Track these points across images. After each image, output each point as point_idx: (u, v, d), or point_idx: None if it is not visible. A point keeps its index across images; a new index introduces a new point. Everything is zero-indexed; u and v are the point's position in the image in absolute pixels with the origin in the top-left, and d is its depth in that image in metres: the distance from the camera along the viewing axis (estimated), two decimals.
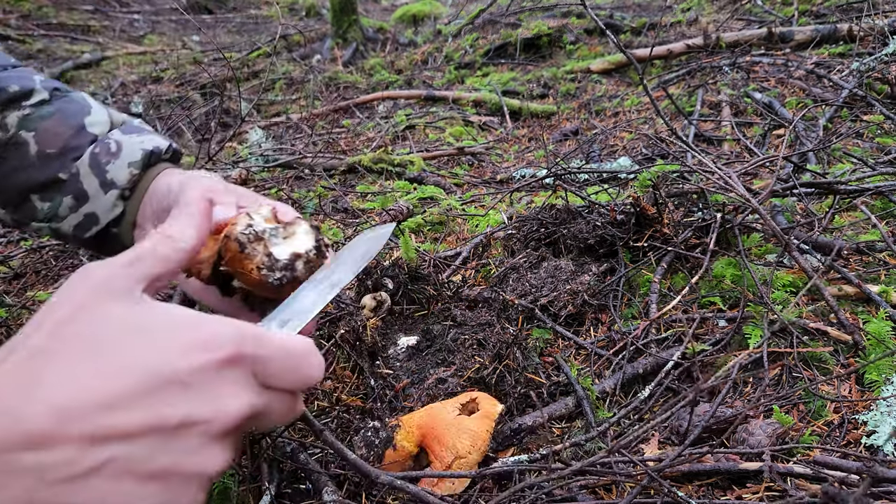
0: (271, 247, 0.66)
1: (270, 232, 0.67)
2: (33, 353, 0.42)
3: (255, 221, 0.67)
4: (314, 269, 0.67)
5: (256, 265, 0.64)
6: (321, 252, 0.68)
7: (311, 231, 0.69)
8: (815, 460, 0.99)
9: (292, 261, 0.66)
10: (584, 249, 1.59)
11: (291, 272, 0.65)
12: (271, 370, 0.51)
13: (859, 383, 1.16)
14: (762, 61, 3.28)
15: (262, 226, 0.67)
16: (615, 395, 1.21)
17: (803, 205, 1.76)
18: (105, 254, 0.94)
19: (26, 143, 0.85)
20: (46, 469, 0.40)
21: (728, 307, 1.40)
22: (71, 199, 0.86)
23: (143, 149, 0.87)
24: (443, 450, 1.02)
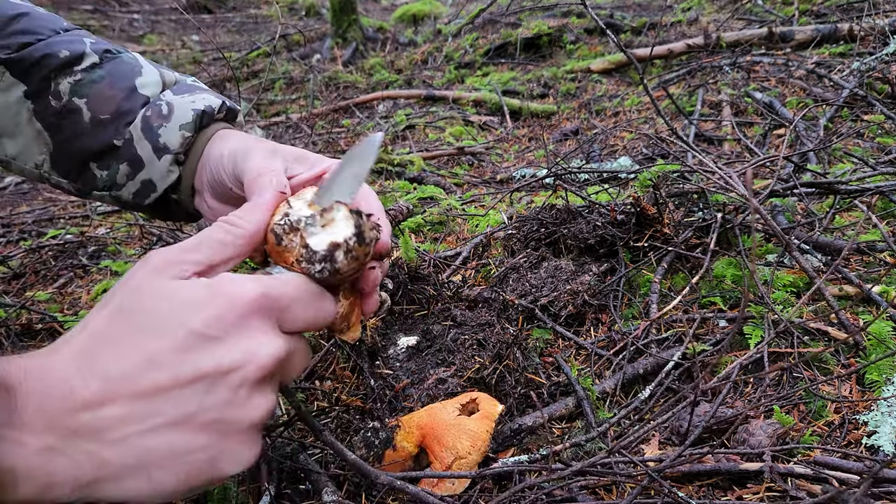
0: (308, 238, 0.61)
1: (307, 221, 0.61)
2: (92, 335, 0.48)
3: (293, 209, 0.63)
4: (359, 258, 0.62)
5: (296, 258, 0.60)
6: (363, 239, 0.61)
7: (350, 217, 0.62)
8: (815, 461, 0.99)
9: (331, 251, 0.60)
10: (584, 249, 1.59)
11: (332, 263, 0.60)
12: (291, 312, 0.56)
13: (860, 383, 1.16)
14: (763, 61, 3.28)
15: (300, 214, 0.62)
16: (615, 395, 1.21)
17: (804, 205, 1.76)
18: (172, 219, 0.92)
19: (79, 109, 0.82)
20: (104, 428, 0.44)
21: (728, 307, 1.40)
22: (126, 167, 0.83)
23: (194, 109, 0.83)
24: (443, 450, 1.02)
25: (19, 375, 0.43)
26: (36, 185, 3.08)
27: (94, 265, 1.80)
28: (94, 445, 0.44)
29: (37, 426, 0.42)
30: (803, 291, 1.38)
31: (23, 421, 0.42)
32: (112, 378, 0.45)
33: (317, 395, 1.23)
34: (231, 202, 0.82)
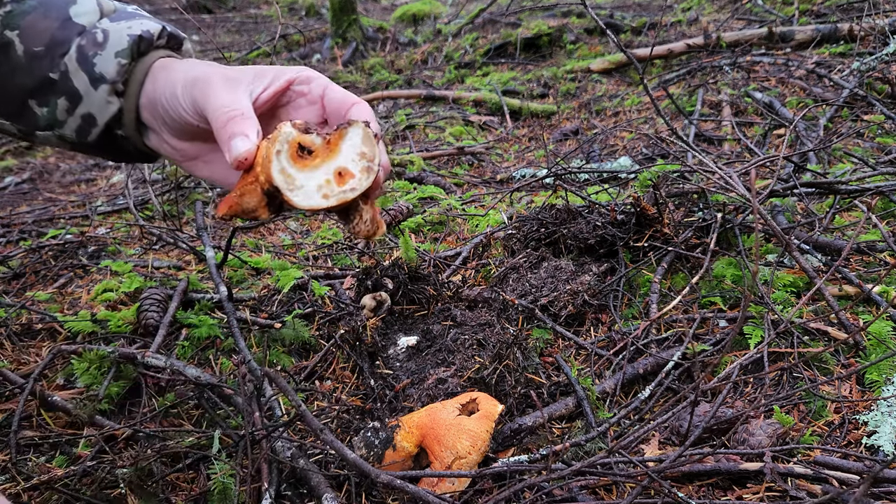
0: (302, 183, 0.66)
1: (297, 170, 0.66)
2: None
3: (280, 152, 0.67)
4: (372, 190, 0.68)
5: (296, 204, 0.66)
6: (371, 168, 0.68)
7: (359, 144, 0.69)
8: (815, 461, 1.00)
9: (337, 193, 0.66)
10: (584, 249, 1.59)
11: (342, 196, 0.66)
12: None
13: (860, 384, 1.16)
14: (763, 61, 3.28)
15: (287, 160, 0.66)
16: (615, 395, 1.21)
17: (804, 205, 1.76)
18: (124, 159, 0.87)
19: (12, 43, 0.77)
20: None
21: (728, 307, 1.40)
22: (65, 101, 0.78)
23: (130, 35, 0.77)
24: (443, 450, 1.02)
25: None
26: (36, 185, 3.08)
27: (94, 265, 1.80)
28: None
29: None
30: (803, 291, 1.38)
31: None
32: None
33: (317, 396, 1.23)
34: (200, 138, 0.80)
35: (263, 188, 0.67)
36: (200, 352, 1.35)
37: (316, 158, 0.68)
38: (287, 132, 0.67)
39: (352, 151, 0.67)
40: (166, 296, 1.47)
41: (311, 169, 0.67)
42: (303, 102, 0.78)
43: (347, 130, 0.68)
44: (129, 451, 1.07)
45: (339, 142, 0.67)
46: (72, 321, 1.41)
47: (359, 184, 0.67)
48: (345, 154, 0.67)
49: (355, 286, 1.47)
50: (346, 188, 0.66)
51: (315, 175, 0.67)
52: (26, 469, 1.04)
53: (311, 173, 0.67)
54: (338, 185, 0.67)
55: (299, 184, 0.66)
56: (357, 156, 0.67)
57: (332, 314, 1.45)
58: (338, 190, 0.66)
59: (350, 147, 0.67)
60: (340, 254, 1.92)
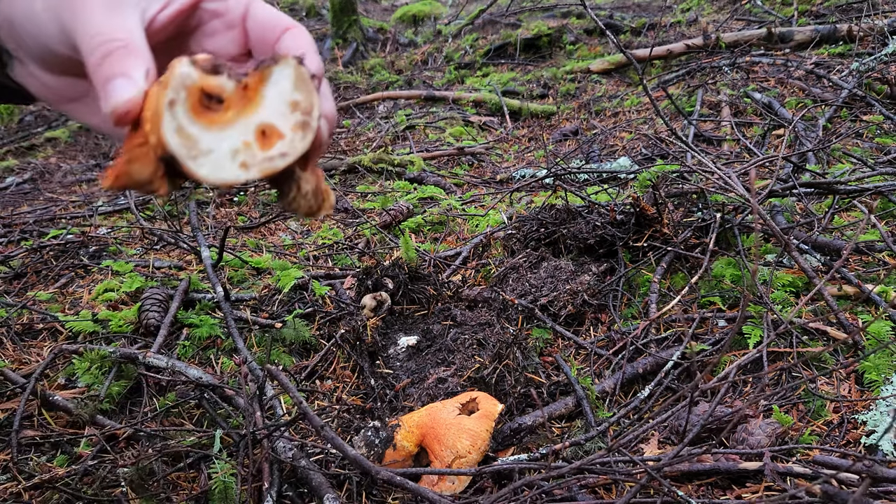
0: (208, 147, 0.48)
1: (201, 128, 0.48)
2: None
3: (176, 103, 0.47)
4: (312, 152, 0.51)
5: (202, 178, 0.48)
6: (307, 124, 0.50)
7: (289, 89, 0.50)
8: (814, 460, 1.00)
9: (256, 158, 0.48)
10: (583, 249, 1.59)
11: (267, 164, 0.49)
12: None
13: (859, 383, 1.16)
14: (762, 61, 3.29)
15: (185, 115, 0.47)
16: (615, 394, 1.21)
17: (803, 205, 1.77)
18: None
19: None
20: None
21: (727, 307, 1.40)
22: None
23: None
24: (443, 449, 1.02)
25: None
26: (37, 185, 3.08)
27: (96, 265, 1.81)
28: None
29: None
30: (802, 292, 1.38)
31: None
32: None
33: (318, 395, 1.23)
34: (77, 72, 0.60)
35: (157, 153, 0.48)
36: (201, 351, 1.35)
37: (228, 111, 0.49)
38: (184, 73, 0.47)
39: (279, 101, 0.49)
40: (167, 296, 1.47)
41: (222, 126, 0.48)
42: (218, 26, 0.61)
43: (272, 70, 0.49)
44: (131, 450, 1.07)
45: (260, 87, 0.49)
46: (73, 321, 1.41)
47: (290, 146, 0.49)
48: (269, 105, 0.49)
49: (356, 286, 1.48)
50: (274, 153, 0.48)
51: (228, 135, 0.48)
52: (28, 468, 1.04)
53: (221, 133, 0.48)
54: (261, 150, 0.48)
55: (205, 147, 0.48)
56: (287, 107, 0.49)
57: (333, 314, 1.45)
58: (261, 156, 0.48)
59: (277, 95, 0.49)
60: (341, 254, 1.92)
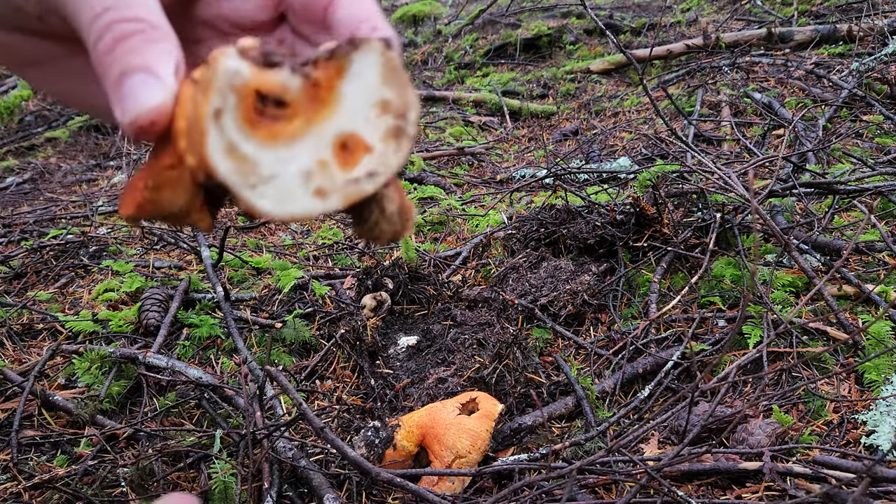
0: (271, 170, 0.35)
1: (257, 144, 0.35)
2: None
3: (222, 113, 0.34)
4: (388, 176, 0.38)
5: (265, 213, 0.36)
6: (401, 132, 0.36)
7: (376, 84, 0.37)
8: (814, 460, 1.00)
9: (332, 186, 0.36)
10: (583, 249, 1.59)
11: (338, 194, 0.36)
12: None
13: (859, 383, 1.16)
14: (762, 61, 3.29)
15: (236, 127, 0.35)
16: (615, 394, 1.21)
17: (803, 205, 1.77)
18: None
19: None
20: None
21: (727, 307, 1.40)
22: None
23: None
24: (443, 449, 1.02)
25: None
26: (37, 185, 3.08)
27: (96, 265, 1.81)
28: None
29: None
30: (802, 292, 1.38)
31: None
32: None
33: (318, 395, 1.23)
34: (32, 30, 0.45)
35: (197, 178, 0.35)
36: (201, 351, 1.35)
37: (294, 119, 0.36)
38: (231, 70, 0.34)
39: (363, 101, 0.36)
40: (167, 296, 1.47)
41: (288, 141, 0.36)
42: None
43: (351, 59, 0.36)
44: (131, 450, 1.07)
45: (336, 83, 0.36)
46: (73, 321, 1.41)
47: (382, 163, 0.36)
48: (350, 107, 0.36)
49: (356, 286, 1.48)
50: (360, 173, 0.36)
51: (296, 153, 0.36)
52: (28, 468, 1.04)
53: (287, 150, 0.35)
54: (342, 169, 0.36)
55: (266, 172, 0.35)
56: (374, 108, 0.36)
57: (333, 314, 1.45)
58: (343, 178, 0.35)
59: (359, 93, 0.36)
60: (341, 254, 1.92)
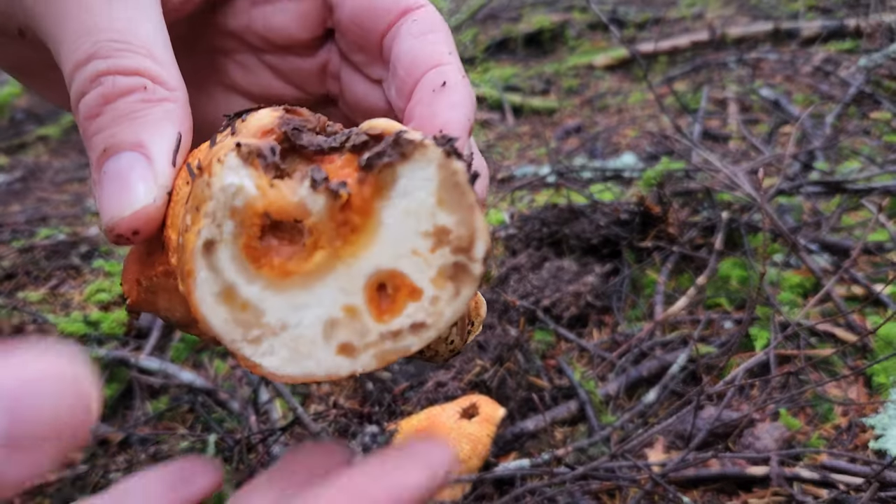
0: (281, 319, 0.28)
1: (263, 286, 0.28)
2: None
3: (217, 246, 0.27)
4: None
5: (270, 374, 0.29)
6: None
7: (429, 204, 0.27)
8: (822, 465, 0.99)
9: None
10: (587, 249, 1.57)
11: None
12: None
13: (868, 386, 1.15)
14: (769, 57, 3.26)
15: (234, 262, 0.27)
16: (619, 398, 1.19)
17: (811, 204, 1.74)
18: None
19: None
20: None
21: (734, 308, 1.39)
22: None
23: None
24: None
25: None
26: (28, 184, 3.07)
27: (87, 265, 1.79)
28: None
29: None
30: (811, 293, 1.36)
31: None
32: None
33: (314, 399, 1.21)
34: (26, 46, 0.38)
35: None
36: (195, 354, 1.33)
37: (316, 252, 0.28)
38: (231, 187, 0.27)
39: (411, 228, 0.27)
40: None
41: (305, 281, 0.28)
42: None
43: (397, 172, 0.27)
44: (123, 455, 1.05)
45: (374, 202, 0.27)
46: (64, 322, 1.40)
47: (434, 313, 0.28)
48: (394, 235, 0.27)
49: None
50: (402, 324, 0.28)
51: (316, 297, 0.28)
52: None
53: (304, 292, 0.28)
54: (378, 320, 0.28)
55: (275, 321, 0.28)
56: (426, 239, 0.28)
57: None
58: (378, 332, 0.28)
59: (407, 216, 0.27)
60: None
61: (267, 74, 0.42)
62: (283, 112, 0.29)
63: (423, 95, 0.33)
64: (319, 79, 0.41)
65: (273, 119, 0.28)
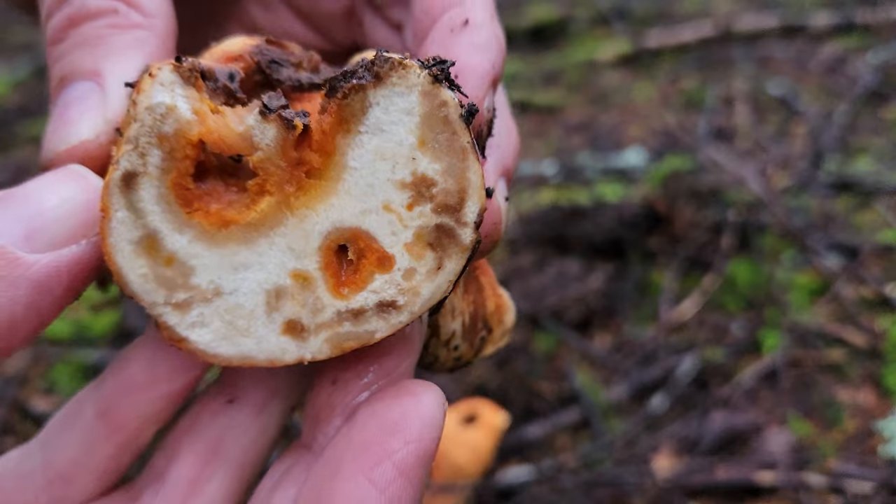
0: (213, 281, 0.23)
1: (195, 237, 0.23)
2: None
3: (140, 180, 0.22)
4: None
5: (198, 352, 0.25)
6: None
7: (409, 145, 0.22)
8: (831, 471, 0.99)
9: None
10: (591, 250, 1.56)
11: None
12: None
13: (878, 389, 1.14)
14: (777, 52, 3.24)
15: (162, 207, 0.22)
16: (624, 403, 1.18)
17: (821, 203, 1.73)
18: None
19: None
20: None
21: (743, 310, 1.37)
22: None
23: None
24: (442, 462, 0.99)
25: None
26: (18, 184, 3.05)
27: None
28: None
29: None
30: (821, 294, 1.35)
31: None
32: None
33: None
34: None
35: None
36: None
37: (262, 198, 0.23)
38: (159, 105, 0.22)
39: (383, 175, 0.22)
40: None
41: (247, 235, 0.22)
42: None
43: (368, 99, 0.22)
44: None
45: (339, 139, 0.22)
46: (53, 325, 1.39)
47: (407, 290, 0.23)
48: (360, 184, 0.22)
49: None
50: (367, 303, 0.23)
51: (260, 255, 0.23)
52: None
53: (245, 248, 0.22)
54: (334, 294, 0.23)
55: (205, 283, 0.23)
56: (402, 191, 0.22)
57: None
58: (333, 309, 0.23)
59: (378, 160, 0.22)
60: None
61: (288, 15, 0.38)
62: (261, 41, 0.25)
63: (439, 35, 0.27)
64: (345, 24, 0.37)
65: (245, 45, 0.24)
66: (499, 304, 0.32)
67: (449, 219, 0.22)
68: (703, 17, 4.31)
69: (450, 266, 0.22)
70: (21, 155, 3.54)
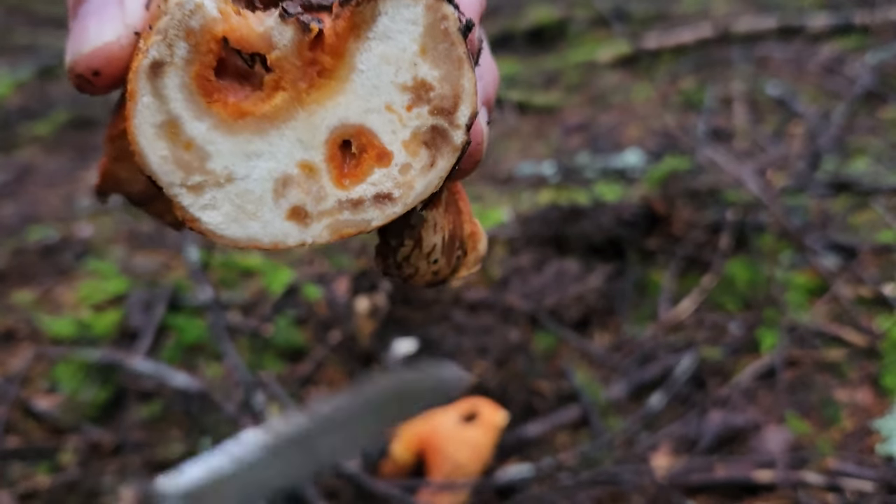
0: (227, 168, 0.25)
1: (213, 126, 0.25)
2: None
3: (165, 69, 0.24)
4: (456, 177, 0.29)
5: (208, 232, 0.26)
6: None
7: (412, 52, 0.25)
8: (829, 469, 0.99)
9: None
10: (590, 250, 1.56)
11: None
12: None
13: (875, 388, 1.14)
14: (775, 53, 3.25)
15: (185, 96, 0.25)
16: (623, 402, 1.18)
17: (819, 203, 1.74)
18: None
19: None
20: None
21: (741, 310, 1.38)
22: None
23: None
24: (442, 460, 1.00)
25: None
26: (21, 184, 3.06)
27: (79, 266, 1.78)
28: None
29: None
30: (819, 294, 1.36)
31: None
32: None
33: (311, 402, 1.21)
34: None
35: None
36: (189, 356, 1.33)
37: (276, 93, 0.25)
38: (189, 2, 0.24)
39: (387, 78, 0.25)
40: (153, 298, 1.45)
41: (261, 125, 0.25)
42: None
43: (377, 7, 0.24)
44: (115, 460, 1.04)
45: (349, 43, 0.25)
46: (55, 324, 1.39)
47: (403, 184, 0.26)
48: (366, 84, 0.25)
49: (351, 288, 1.45)
50: (365, 194, 0.26)
51: (271, 145, 0.25)
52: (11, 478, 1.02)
53: (258, 138, 0.25)
54: (336, 184, 0.26)
55: (220, 168, 0.25)
56: (403, 93, 0.25)
57: (326, 317, 1.42)
58: (336, 198, 0.26)
59: (383, 63, 0.25)
60: (336, 255, 1.89)
61: None
62: None
63: None
64: None
65: None
66: (473, 231, 0.34)
67: (443, 121, 0.25)
68: (701, 18, 4.32)
69: (441, 164, 0.26)
70: (24, 155, 3.54)
